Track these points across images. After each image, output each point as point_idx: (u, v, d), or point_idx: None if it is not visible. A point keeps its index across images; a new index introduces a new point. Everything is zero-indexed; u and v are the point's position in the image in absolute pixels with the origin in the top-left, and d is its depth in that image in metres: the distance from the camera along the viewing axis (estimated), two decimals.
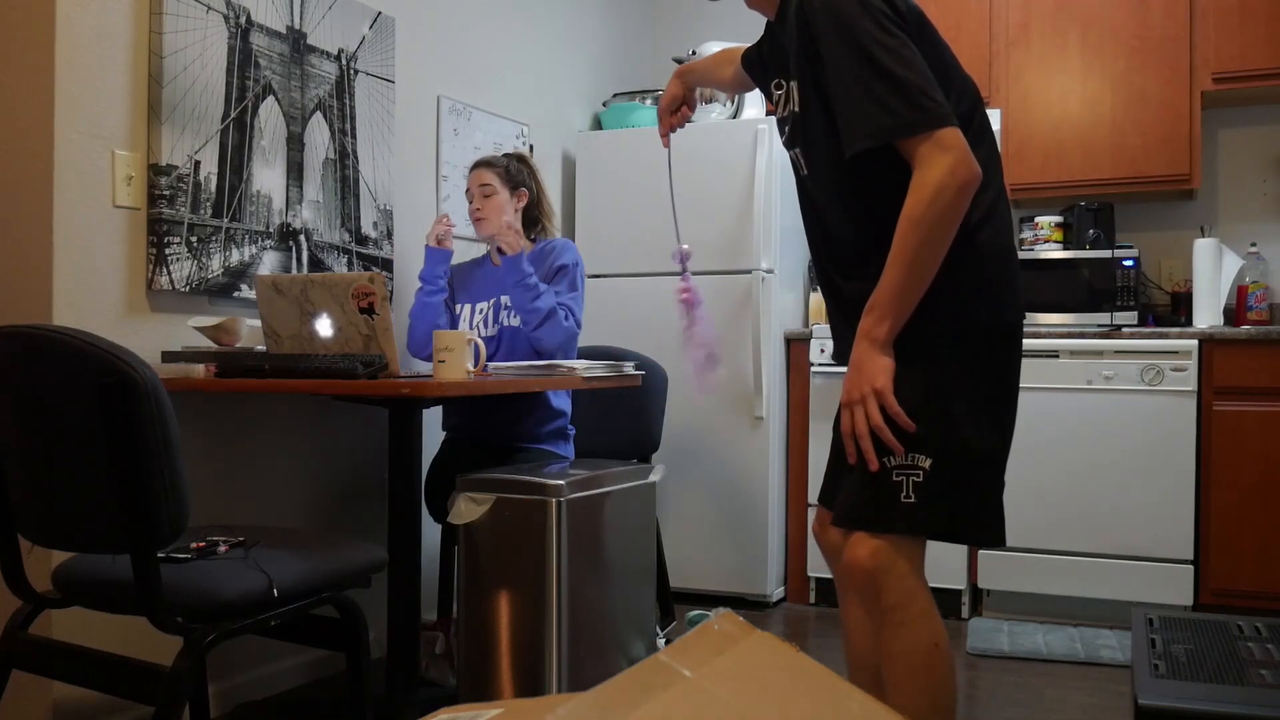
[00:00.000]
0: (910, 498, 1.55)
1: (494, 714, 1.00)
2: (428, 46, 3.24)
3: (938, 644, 1.58)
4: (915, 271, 1.52)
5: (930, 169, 1.49)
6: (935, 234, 1.50)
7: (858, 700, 1.03)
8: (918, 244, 1.51)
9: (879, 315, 1.55)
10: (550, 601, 2.28)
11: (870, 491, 1.57)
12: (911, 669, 1.58)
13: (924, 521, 1.56)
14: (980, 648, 3.09)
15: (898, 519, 1.56)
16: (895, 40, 1.52)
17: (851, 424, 1.57)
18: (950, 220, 1.51)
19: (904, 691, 1.58)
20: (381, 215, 3.01)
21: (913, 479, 1.55)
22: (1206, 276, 3.46)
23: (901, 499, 1.55)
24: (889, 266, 1.53)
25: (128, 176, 2.32)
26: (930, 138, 1.49)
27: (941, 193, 1.48)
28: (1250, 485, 3.18)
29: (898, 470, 1.55)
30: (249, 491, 2.62)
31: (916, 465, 1.55)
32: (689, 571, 3.66)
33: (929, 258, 1.52)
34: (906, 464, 1.55)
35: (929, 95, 1.50)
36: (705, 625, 1.14)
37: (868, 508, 1.58)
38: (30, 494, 1.73)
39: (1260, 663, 1.54)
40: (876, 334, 1.55)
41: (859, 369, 1.57)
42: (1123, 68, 3.57)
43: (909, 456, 1.55)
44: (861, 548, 1.58)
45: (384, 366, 2.18)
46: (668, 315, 3.71)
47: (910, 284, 1.53)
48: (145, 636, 1.87)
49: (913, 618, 1.58)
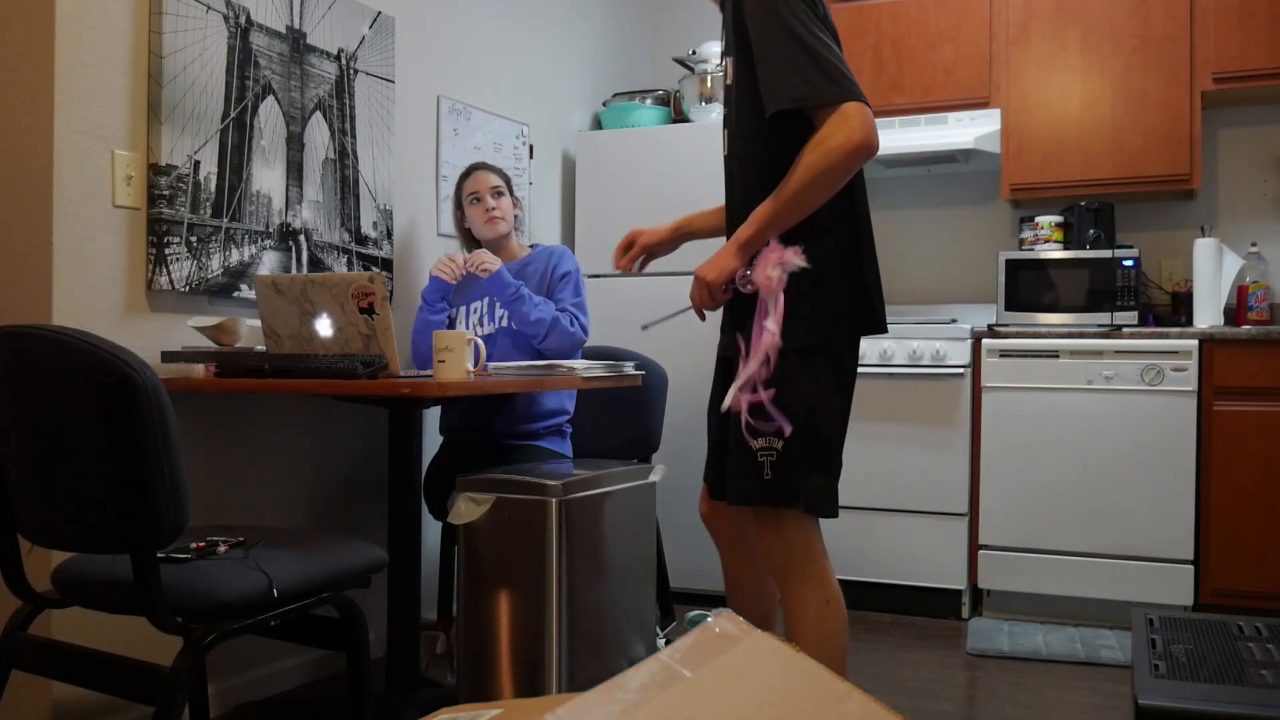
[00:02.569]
0: (768, 475, 1.79)
1: (494, 714, 1.00)
2: (428, 46, 3.24)
3: (828, 601, 1.81)
4: (790, 206, 1.74)
5: (833, 131, 1.69)
6: (818, 181, 1.71)
7: (857, 700, 1.03)
8: (801, 185, 1.71)
9: (748, 225, 1.78)
10: (550, 601, 2.28)
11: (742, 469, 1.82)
12: (804, 624, 1.81)
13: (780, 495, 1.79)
14: (980, 648, 3.09)
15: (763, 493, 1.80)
16: (815, 26, 1.74)
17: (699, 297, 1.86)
18: (834, 176, 1.71)
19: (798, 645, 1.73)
20: (381, 215, 3.01)
21: (768, 460, 1.79)
22: (1207, 276, 3.46)
23: (763, 477, 1.79)
24: (774, 194, 1.75)
25: (127, 176, 2.32)
26: (840, 110, 1.69)
27: (837, 149, 1.68)
28: (1250, 485, 3.18)
29: (761, 452, 1.80)
30: (249, 491, 2.62)
31: (771, 447, 1.79)
32: (689, 571, 3.66)
33: (805, 201, 1.73)
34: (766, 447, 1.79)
35: (844, 74, 1.71)
36: (705, 625, 1.14)
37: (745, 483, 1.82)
38: (30, 494, 1.73)
39: (1260, 663, 1.54)
40: (740, 236, 1.79)
41: (715, 260, 1.82)
42: (1123, 68, 3.57)
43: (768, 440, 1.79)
44: (763, 526, 1.83)
45: (384, 366, 2.18)
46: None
47: (783, 214, 1.75)
48: (145, 636, 1.87)
49: (807, 578, 1.81)
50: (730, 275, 1.81)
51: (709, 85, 3.81)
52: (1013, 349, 3.43)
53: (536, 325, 2.75)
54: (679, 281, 3.67)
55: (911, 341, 3.52)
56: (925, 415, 3.49)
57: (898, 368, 3.52)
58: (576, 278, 2.90)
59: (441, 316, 2.93)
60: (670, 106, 4.02)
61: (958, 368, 3.46)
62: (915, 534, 3.51)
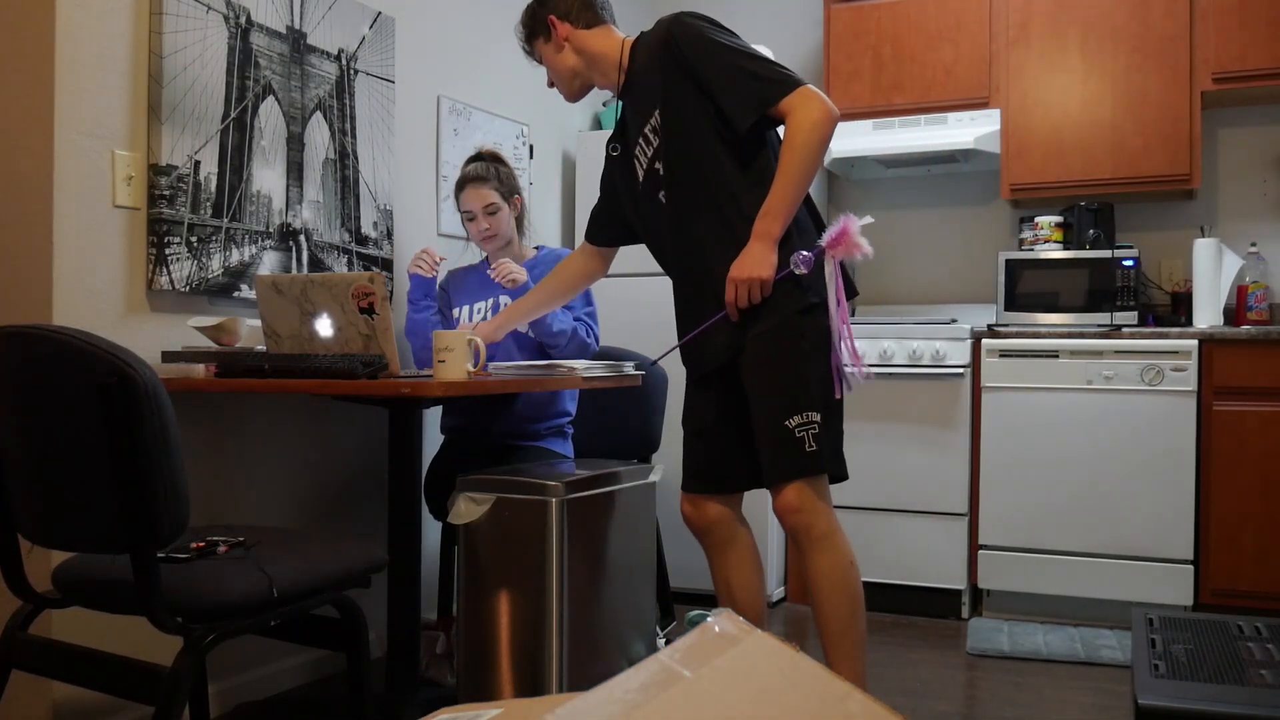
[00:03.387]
0: (812, 446, 2.00)
1: (494, 714, 1.00)
2: (428, 46, 3.24)
3: (852, 561, 2.06)
4: (797, 186, 1.99)
5: (804, 110, 1.97)
6: (811, 155, 1.97)
7: (857, 700, 1.03)
8: (799, 164, 1.97)
9: (772, 219, 1.99)
10: (550, 601, 2.28)
11: (785, 450, 2.00)
12: (834, 582, 2.03)
13: (820, 463, 2.01)
14: (980, 648, 3.09)
15: (807, 464, 2.00)
16: (740, 42, 2.08)
17: (736, 297, 2.02)
18: (820, 146, 1.98)
19: (831, 602, 2.03)
20: (381, 215, 3.01)
21: (811, 432, 2.00)
22: (1206, 276, 3.46)
23: (805, 450, 1.99)
24: (778, 183, 1.99)
25: (128, 176, 2.32)
26: (796, 93, 1.99)
27: (817, 124, 1.97)
28: (1250, 485, 3.18)
29: (799, 428, 1.99)
30: (249, 491, 2.62)
31: (811, 420, 2.00)
32: (689, 571, 3.65)
33: (806, 176, 1.99)
34: (804, 422, 1.99)
35: (783, 67, 2.03)
36: (705, 625, 1.14)
37: (786, 463, 2.00)
38: (30, 494, 1.73)
39: (1260, 663, 1.54)
40: (772, 231, 2.00)
41: (754, 257, 1.99)
42: (1123, 68, 3.57)
43: (805, 415, 1.99)
44: (790, 495, 2.01)
45: (384, 366, 2.18)
46: (668, 315, 3.70)
47: (793, 194, 1.99)
48: (145, 636, 1.87)
49: (835, 544, 2.04)
50: (774, 267, 1.99)
51: None
52: (1013, 349, 3.43)
53: (559, 336, 2.77)
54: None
55: (911, 341, 3.52)
56: (925, 415, 3.49)
57: (898, 368, 3.52)
58: None
59: (426, 314, 2.92)
60: None
61: (958, 368, 3.46)
62: (915, 534, 3.51)
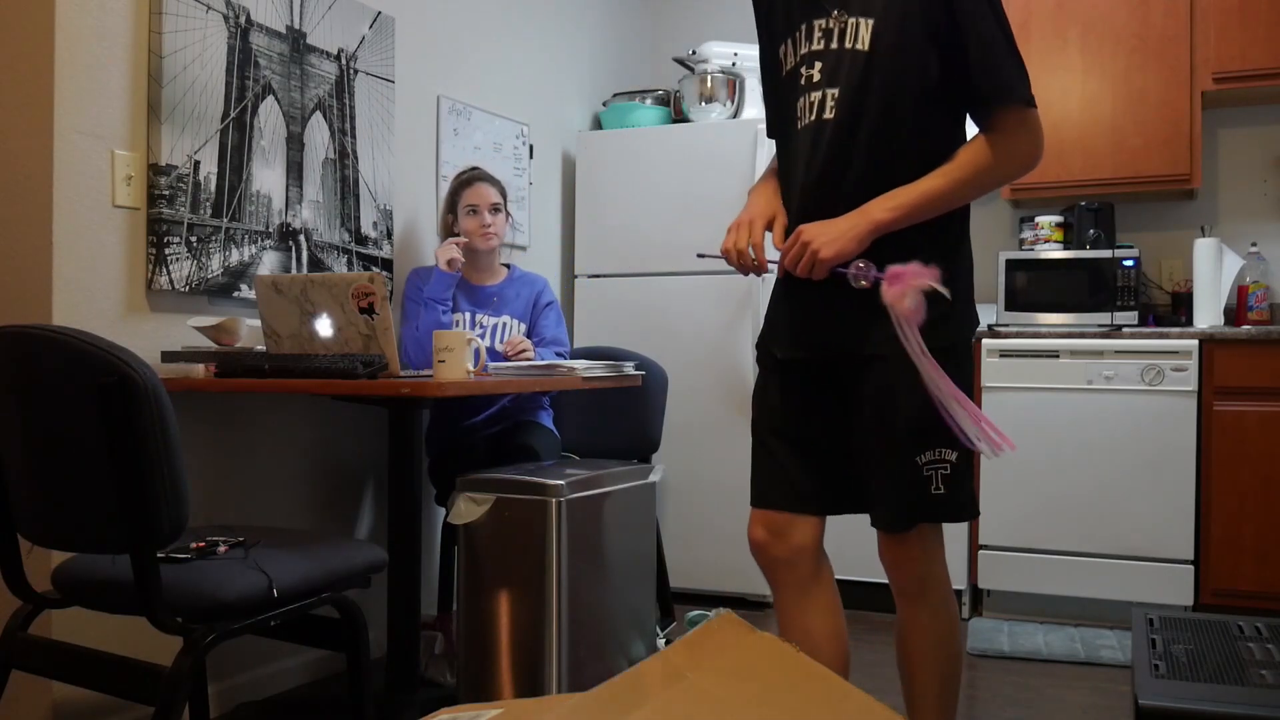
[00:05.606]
0: (940, 489, 1.63)
1: (494, 714, 1.00)
2: (428, 46, 3.24)
3: (960, 623, 1.77)
4: (945, 197, 1.60)
5: (1021, 139, 1.60)
6: (981, 184, 1.60)
7: (856, 700, 1.03)
8: (965, 182, 1.59)
9: (895, 205, 1.58)
10: (550, 601, 2.28)
11: (909, 490, 1.63)
12: (942, 642, 1.72)
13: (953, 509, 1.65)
14: (980, 648, 3.09)
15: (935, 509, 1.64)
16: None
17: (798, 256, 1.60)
18: (997, 184, 1.63)
19: (929, 668, 1.73)
20: (381, 215, 3.01)
21: (941, 472, 1.63)
22: (1207, 276, 3.46)
23: (932, 491, 1.63)
24: (933, 177, 1.59)
25: (127, 176, 2.32)
26: (1032, 114, 1.60)
27: (1019, 162, 1.61)
28: (1250, 485, 3.18)
29: (927, 466, 1.62)
30: (249, 491, 2.62)
31: (944, 459, 1.63)
32: (689, 571, 3.66)
33: (961, 196, 1.61)
34: (936, 459, 1.62)
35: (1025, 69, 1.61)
36: (705, 625, 1.14)
37: (909, 508, 1.64)
38: (30, 494, 1.73)
39: (1260, 663, 1.54)
40: (879, 217, 1.58)
41: (837, 233, 1.58)
42: (1123, 68, 3.57)
43: (937, 452, 1.62)
44: (914, 547, 1.68)
45: (384, 366, 2.18)
46: (668, 315, 3.71)
47: (935, 202, 1.60)
48: (145, 636, 1.87)
49: (947, 601, 1.73)
50: (845, 259, 1.58)
51: (709, 85, 3.81)
52: (1013, 349, 3.43)
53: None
54: (676, 281, 3.67)
55: None
56: None
57: None
58: (557, 307, 3.10)
59: (450, 317, 2.94)
60: (670, 106, 4.02)
61: None
62: None
